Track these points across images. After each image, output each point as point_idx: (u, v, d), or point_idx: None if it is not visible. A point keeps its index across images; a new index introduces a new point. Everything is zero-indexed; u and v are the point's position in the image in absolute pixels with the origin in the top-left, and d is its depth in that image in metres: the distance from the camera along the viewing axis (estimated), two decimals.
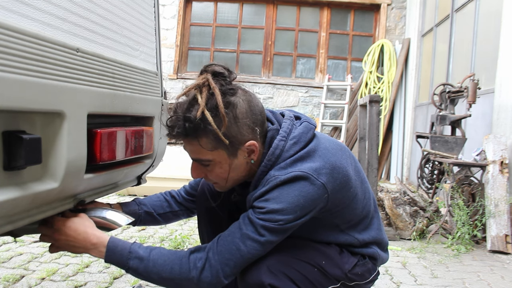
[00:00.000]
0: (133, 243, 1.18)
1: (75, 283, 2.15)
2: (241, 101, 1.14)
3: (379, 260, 1.36)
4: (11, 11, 0.88)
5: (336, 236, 1.29)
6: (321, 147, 1.20)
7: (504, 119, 3.67)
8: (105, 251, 1.15)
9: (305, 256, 1.22)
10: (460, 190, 3.44)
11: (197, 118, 1.08)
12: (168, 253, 1.16)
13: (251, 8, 7.80)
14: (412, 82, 6.57)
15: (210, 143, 1.12)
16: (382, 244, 1.37)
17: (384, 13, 7.38)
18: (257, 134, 1.17)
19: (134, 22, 1.53)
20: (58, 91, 1.01)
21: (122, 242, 1.18)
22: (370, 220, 1.33)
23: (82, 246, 1.17)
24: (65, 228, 1.17)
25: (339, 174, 1.18)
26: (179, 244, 2.89)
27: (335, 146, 1.26)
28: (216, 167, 1.18)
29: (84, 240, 1.16)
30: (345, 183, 1.20)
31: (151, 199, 1.54)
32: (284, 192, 1.12)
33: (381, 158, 6.73)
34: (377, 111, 3.42)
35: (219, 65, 1.15)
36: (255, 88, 7.45)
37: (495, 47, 3.98)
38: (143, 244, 1.26)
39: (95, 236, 1.16)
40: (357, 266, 1.29)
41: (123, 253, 1.15)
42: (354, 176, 1.26)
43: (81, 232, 1.16)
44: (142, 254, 1.14)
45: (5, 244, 2.72)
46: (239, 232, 1.14)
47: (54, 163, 1.04)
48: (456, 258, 2.97)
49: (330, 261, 1.24)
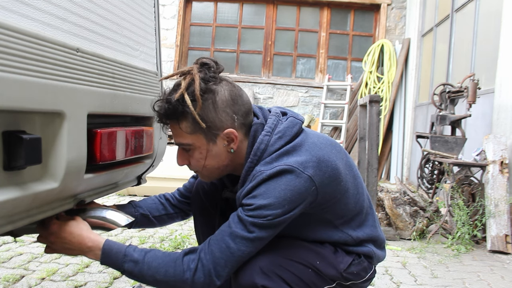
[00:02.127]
0: (128, 246, 1.19)
1: (75, 283, 2.16)
2: (222, 90, 1.17)
3: (375, 258, 1.35)
4: (11, 11, 0.88)
5: (330, 234, 1.28)
6: (308, 142, 1.21)
7: (504, 119, 3.67)
8: (100, 254, 1.17)
9: (298, 257, 1.22)
10: (460, 190, 3.44)
11: (176, 99, 1.14)
12: (162, 256, 1.17)
13: (251, 8, 7.80)
14: (412, 82, 6.57)
15: (189, 127, 1.17)
16: (378, 241, 1.36)
17: (384, 13, 7.38)
18: (235, 123, 1.19)
19: (134, 22, 1.53)
20: (58, 91, 1.01)
21: (117, 245, 1.19)
22: (364, 216, 1.33)
23: (77, 249, 1.19)
24: (60, 231, 1.18)
25: (327, 167, 1.18)
26: (179, 244, 2.89)
27: (324, 141, 1.26)
28: (195, 152, 1.21)
29: (79, 243, 1.18)
30: (334, 177, 1.20)
31: (146, 202, 1.55)
32: (271, 187, 1.13)
33: (381, 158, 6.73)
34: (377, 111, 3.42)
35: (208, 58, 1.20)
36: (255, 88, 7.45)
37: (495, 47, 3.98)
38: (144, 243, 1.26)
39: (90, 239, 1.18)
40: (352, 265, 1.29)
41: (118, 256, 1.16)
42: (345, 171, 1.25)
43: (76, 235, 1.18)
44: (137, 257, 1.16)
45: (5, 244, 2.72)
46: (228, 230, 1.15)
47: (54, 163, 1.04)
48: (456, 258, 2.97)
49: (324, 261, 1.24)
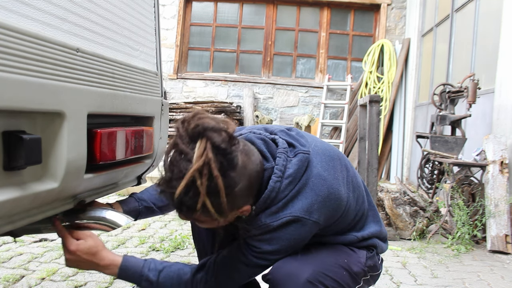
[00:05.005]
0: (145, 263, 1.24)
1: (75, 283, 2.15)
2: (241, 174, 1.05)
3: (379, 248, 1.39)
4: (11, 11, 0.88)
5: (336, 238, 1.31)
6: (313, 176, 1.17)
7: (504, 119, 3.67)
8: (117, 272, 1.23)
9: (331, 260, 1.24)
10: (460, 190, 3.44)
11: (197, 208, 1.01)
12: (176, 276, 1.23)
13: (251, 8, 7.80)
14: (412, 82, 6.57)
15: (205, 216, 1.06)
16: (381, 236, 1.40)
17: (384, 13, 7.38)
18: (252, 197, 1.14)
19: (134, 22, 1.53)
20: (58, 91, 1.01)
21: (133, 264, 1.24)
22: (365, 218, 1.35)
23: (94, 268, 1.25)
24: (78, 252, 1.22)
25: (331, 200, 1.17)
26: (179, 244, 2.89)
27: (327, 163, 1.22)
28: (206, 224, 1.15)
29: (97, 265, 1.23)
30: (338, 206, 1.21)
31: (148, 192, 1.54)
32: (276, 235, 1.15)
33: (381, 158, 6.73)
34: (377, 111, 3.42)
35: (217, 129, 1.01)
36: (255, 88, 7.45)
37: (495, 47, 3.98)
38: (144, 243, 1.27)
39: (108, 259, 1.23)
40: (368, 258, 1.32)
41: (134, 275, 1.23)
42: (347, 192, 1.24)
43: (93, 257, 1.22)
44: (152, 277, 1.22)
45: (5, 244, 2.72)
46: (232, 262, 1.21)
47: (54, 163, 1.04)
48: (456, 258, 2.97)
49: (350, 258, 1.27)
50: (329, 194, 1.17)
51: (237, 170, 1.04)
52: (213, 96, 7.44)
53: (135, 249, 2.78)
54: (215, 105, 6.66)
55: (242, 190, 1.07)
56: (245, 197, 1.10)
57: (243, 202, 1.11)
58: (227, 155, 1.01)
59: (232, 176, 1.02)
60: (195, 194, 0.99)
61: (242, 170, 1.05)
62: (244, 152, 1.07)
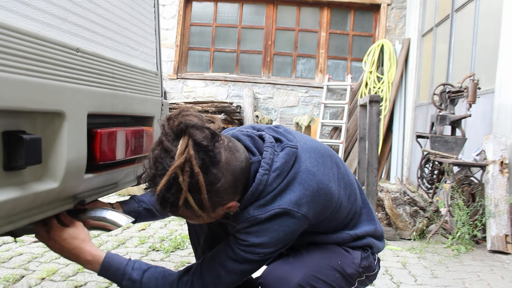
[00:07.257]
0: (128, 261, 1.20)
1: (75, 283, 2.15)
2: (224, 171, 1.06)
3: (375, 248, 1.37)
4: (11, 11, 0.88)
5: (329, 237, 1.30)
6: (301, 170, 1.16)
7: (504, 119, 3.67)
8: (99, 269, 1.18)
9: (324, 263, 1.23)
10: (460, 190, 3.44)
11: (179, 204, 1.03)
12: (160, 277, 1.18)
13: (251, 8, 7.80)
14: (412, 82, 6.57)
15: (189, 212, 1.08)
16: (376, 234, 1.38)
17: (384, 13, 7.38)
18: (238, 193, 1.13)
19: (134, 22, 1.53)
20: (58, 91, 1.01)
21: (116, 262, 1.19)
22: (358, 216, 1.34)
23: (75, 260, 1.20)
24: (60, 240, 1.18)
25: (321, 195, 1.17)
26: (179, 244, 2.88)
27: (316, 160, 1.21)
28: (192, 219, 1.17)
29: (78, 256, 1.18)
30: (328, 202, 1.20)
31: (149, 195, 1.54)
32: (264, 227, 1.13)
33: (381, 158, 6.73)
34: (377, 111, 3.42)
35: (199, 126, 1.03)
36: (255, 88, 7.45)
37: (495, 47, 3.98)
38: (144, 243, 1.26)
39: (90, 254, 1.18)
40: (363, 258, 1.31)
41: (117, 273, 1.18)
42: (338, 188, 1.23)
43: (75, 247, 1.18)
44: (135, 276, 1.17)
45: (5, 244, 2.72)
46: (220, 260, 1.17)
47: (54, 163, 1.04)
48: (456, 258, 2.97)
49: (344, 260, 1.26)
50: (319, 189, 1.16)
51: (219, 167, 1.05)
52: (213, 96, 7.44)
53: (135, 249, 2.78)
54: (215, 105, 6.66)
55: (225, 187, 1.07)
56: (229, 194, 1.10)
57: (228, 198, 1.11)
58: (208, 152, 1.03)
59: (214, 172, 1.04)
60: (177, 190, 1.01)
61: (226, 166, 1.06)
62: (228, 149, 1.08)
